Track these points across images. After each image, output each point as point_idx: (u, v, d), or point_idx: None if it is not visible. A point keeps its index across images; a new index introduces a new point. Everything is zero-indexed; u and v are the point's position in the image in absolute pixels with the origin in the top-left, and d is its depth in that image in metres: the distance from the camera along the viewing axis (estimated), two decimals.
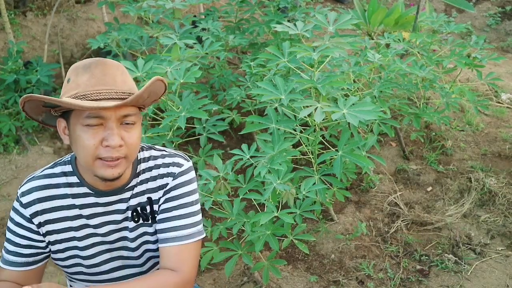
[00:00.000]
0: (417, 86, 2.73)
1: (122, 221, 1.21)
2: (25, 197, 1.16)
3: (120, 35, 3.03)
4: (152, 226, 1.24)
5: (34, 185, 1.16)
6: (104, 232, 1.20)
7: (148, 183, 1.21)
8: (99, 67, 1.07)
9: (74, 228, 1.18)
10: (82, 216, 1.18)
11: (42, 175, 1.18)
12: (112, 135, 1.04)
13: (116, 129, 1.05)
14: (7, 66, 3.41)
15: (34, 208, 1.15)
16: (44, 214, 1.16)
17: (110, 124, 1.05)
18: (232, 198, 2.09)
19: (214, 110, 3.02)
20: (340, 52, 2.01)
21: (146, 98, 1.11)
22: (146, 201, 1.21)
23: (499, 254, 2.34)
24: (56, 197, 1.17)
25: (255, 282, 2.18)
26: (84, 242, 1.20)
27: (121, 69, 1.10)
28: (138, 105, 1.11)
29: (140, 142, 1.14)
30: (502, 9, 5.63)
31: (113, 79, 1.07)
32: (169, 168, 1.22)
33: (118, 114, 1.05)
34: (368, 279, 2.21)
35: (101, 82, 1.05)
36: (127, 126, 1.08)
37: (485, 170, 2.95)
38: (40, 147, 3.37)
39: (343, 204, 2.70)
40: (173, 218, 1.20)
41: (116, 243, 1.23)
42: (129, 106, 1.07)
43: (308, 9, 3.31)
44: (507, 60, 4.71)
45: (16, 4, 4.30)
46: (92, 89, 1.04)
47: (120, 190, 1.18)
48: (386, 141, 3.30)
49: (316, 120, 1.80)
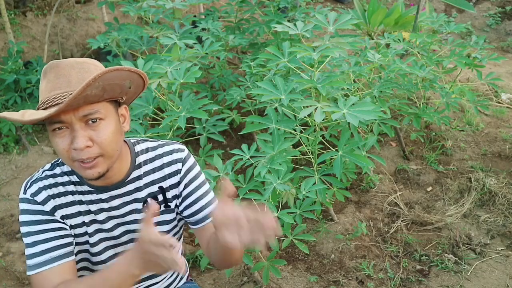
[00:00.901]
0: (417, 86, 2.73)
1: (126, 214, 1.21)
2: (37, 196, 1.12)
3: (120, 35, 3.03)
4: (164, 215, 1.24)
5: (41, 185, 1.13)
6: (109, 227, 1.20)
7: (155, 173, 1.22)
8: (53, 71, 1.03)
9: (86, 223, 1.18)
10: (91, 212, 1.18)
11: (45, 175, 1.15)
12: (76, 138, 1.00)
13: (80, 131, 1.01)
14: (7, 66, 3.42)
15: (51, 204, 1.13)
16: (61, 209, 1.14)
17: (73, 126, 1.01)
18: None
19: (214, 110, 3.02)
20: (340, 52, 2.01)
21: (102, 93, 1.01)
22: (157, 190, 1.22)
23: (499, 254, 2.34)
24: (66, 193, 1.15)
25: (255, 282, 2.18)
26: (93, 238, 1.19)
27: (78, 67, 1.04)
28: (93, 102, 1.01)
29: (117, 136, 1.07)
30: (502, 9, 5.63)
31: (67, 80, 1.02)
32: (172, 155, 1.23)
33: (78, 115, 1.00)
34: (368, 279, 2.21)
35: (56, 86, 1.02)
36: (93, 125, 1.03)
37: (485, 170, 2.95)
38: (40, 147, 3.37)
39: (343, 204, 2.70)
40: (200, 197, 1.24)
41: (122, 238, 1.23)
42: (87, 104, 1.01)
43: (308, 9, 3.31)
44: (507, 60, 4.71)
45: (16, 4, 4.31)
46: (49, 95, 1.02)
47: (121, 184, 1.18)
48: (386, 141, 3.30)
49: (316, 120, 1.80)
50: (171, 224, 1.27)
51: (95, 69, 1.06)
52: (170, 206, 1.25)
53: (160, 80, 2.23)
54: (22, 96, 3.51)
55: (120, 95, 1.10)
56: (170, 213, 1.26)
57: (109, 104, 1.07)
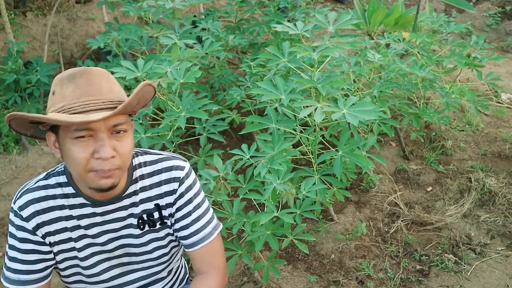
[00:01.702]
0: (417, 86, 2.73)
1: (121, 229, 1.20)
2: (23, 211, 1.12)
3: (120, 35, 3.03)
4: (159, 232, 1.23)
5: (30, 198, 1.13)
6: (103, 241, 1.19)
7: (152, 189, 1.20)
8: (84, 76, 1.03)
9: (73, 239, 1.17)
10: (80, 227, 1.16)
11: (37, 186, 1.14)
12: (103, 147, 1.01)
13: (107, 140, 1.02)
14: (7, 66, 3.42)
15: (35, 221, 1.13)
16: (45, 226, 1.14)
17: (100, 135, 1.01)
18: (232, 198, 2.09)
19: (214, 110, 3.02)
20: (340, 52, 2.01)
21: (135, 105, 1.07)
22: (153, 207, 1.21)
23: (499, 254, 2.34)
24: (54, 208, 1.14)
25: (255, 282, 2.18)
26: (83, 252, 1.19)
27: (106, 77, 1.06)
28: (127, 112, 1.07)
29: (133, 149, 1.11)
30: (502, 9, 5.63)
31: (99, 88, 1.03)
32: (171, 173, 1.21)
33: (108, 124, 1.02)
34: (368, 279, 2.21)
35: (86, 93, 1.01)
36: (119, 135, 1.04)
37: (485, 170, 2.95)
38: (40, 147, 3.37)
39: (343, 204, 2.70)
40: (193, 222, 1.22)
41: (116, 251, 1.22)
42: (118, 115, 1.03)
43: (308, 9, 3.31)
44: (507, 60, 4.71)
45: (16, 4, 4.31)
46: (78, 101, 1.01)
47: (118, 198, 1.17)
48: (386, 141, 3.30)
49: (316, 120, 1.80)
50: (167, 238, 1.26)
51: (117, 81, 1.10)
52: (166, 223, 1.24)
53: (160, 80, 2.23)
54: (22, 96, 3.51)
55: (140, 109, 1.15)
56: (166, 228, 1.25)
57: (129, 117, 1.09)
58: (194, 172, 1.28)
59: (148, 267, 1.27)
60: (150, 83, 1.06)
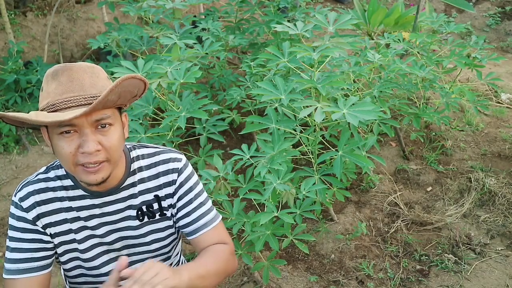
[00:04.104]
0: (417, 86, 2.73)
1: (120, 221, 1.21)
2: (24, 202, 1.14)
3: (120, 35, 3.03)
4: (159, 223, 1.25)
5: (31, 189, 1.15)
6: (102, 233, 1.20)
7: (150, 181, 1.22)
8: (65, 73, 1.03)
9: (73, 230, 1.18)
10: (80, 218, 1.18)
11: (37, 179, 1.17)
12: (86, 142, 1.01)
13: (90, 135, 1.02)
14: (7, 66, 3.42)
15: (35, 212, 1.14)
16: (45, 217, 1.15)
17: (84, 130, 1.02)
18: (232, 198, 2.09)
19: (214, 110, 3.02)
20: (340, 52, 2.01)
21: (117, 99, 1.05)
22: (153, 198, 1.22)
23: (499, 254, 2.34)
24: (53, 200, 1.16)
25: (255, 282, 2.18)
26: (84, 244, 1.20)
27: (89, 72, 1.05)
28: (108, 107, 1.05)
29: (121, 142, 1.10)
30: (502, 9, 5.63)
31: (81, 84, 1.03)
32: (169, 164, 1.23)
33: (90, 119, 1.02)
34: (368, 279, 2.21)
35: (68, 89, 1.02)
36: (103, 130, 1.05)
37: (485, 170, 2.95)
38: (40, 147, 3.37)
39: (343, 204, 2.70)
40: (196, 208, 1.24)
41: (115, 244, 1.23)
42: (100, 110, 1.03)
43: (308, 9, 3.31)
44: (507, 60, 4.71)
45: (16, 4, 4.31)
46: (60, 97, 1.01)
47: (116, 190, 1.18)
48: (386, 141, 3.30)
49: (316, 120, 1.80)
50: (167, 231, 1.27)
51: (103, 75, 1.09)
52: (166, 214, 1.25)
53: (160, 80, 2.23)
54: (22, 96, 3.51)
55: (128, 102, 1.14)
56: (166, 220, 1.26)
57: (116, 110, 1.09)
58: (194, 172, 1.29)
59: (147, 259, 1.28)
60: (133, 75, 1.04)
